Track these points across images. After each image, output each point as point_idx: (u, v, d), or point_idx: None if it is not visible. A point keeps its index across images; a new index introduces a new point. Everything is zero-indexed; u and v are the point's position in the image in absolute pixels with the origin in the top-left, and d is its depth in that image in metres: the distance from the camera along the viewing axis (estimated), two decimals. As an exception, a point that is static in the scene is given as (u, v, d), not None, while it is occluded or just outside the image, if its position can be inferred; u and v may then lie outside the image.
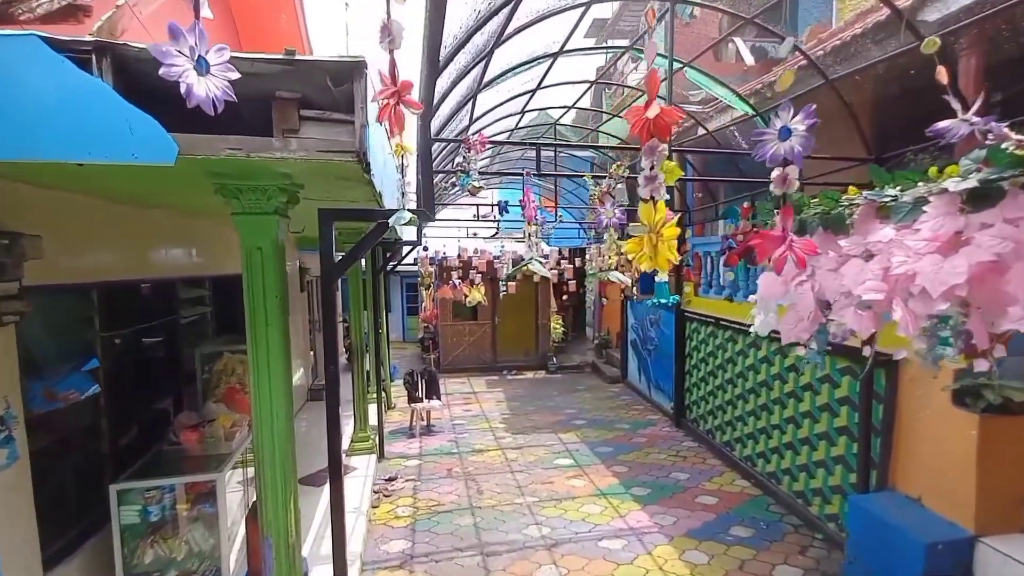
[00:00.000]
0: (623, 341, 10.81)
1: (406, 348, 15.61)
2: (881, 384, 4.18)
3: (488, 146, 3.31)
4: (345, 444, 6.79)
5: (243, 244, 2.62)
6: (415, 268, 14.87)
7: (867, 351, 2.18)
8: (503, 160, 10.31)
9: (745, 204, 5.25)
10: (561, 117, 7.26)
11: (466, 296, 8.25)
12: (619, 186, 3.41)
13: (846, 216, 2.05)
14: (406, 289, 17.07)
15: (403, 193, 2.17)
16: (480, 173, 3.41)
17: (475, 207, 8.41)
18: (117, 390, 3.55)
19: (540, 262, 3.11)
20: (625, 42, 11.69)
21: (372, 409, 7.43)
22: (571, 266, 10.56)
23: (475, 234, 11.76)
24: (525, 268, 3.15)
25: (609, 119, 8.58)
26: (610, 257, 3.28)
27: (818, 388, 4.92)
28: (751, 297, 2.50)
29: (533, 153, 9.86)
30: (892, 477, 4.12)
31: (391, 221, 2.28)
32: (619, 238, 3.27)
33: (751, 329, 2.54)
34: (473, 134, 3.35)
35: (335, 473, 2.91)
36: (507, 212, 5.72)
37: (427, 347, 13.53)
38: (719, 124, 6.24)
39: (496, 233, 11.83)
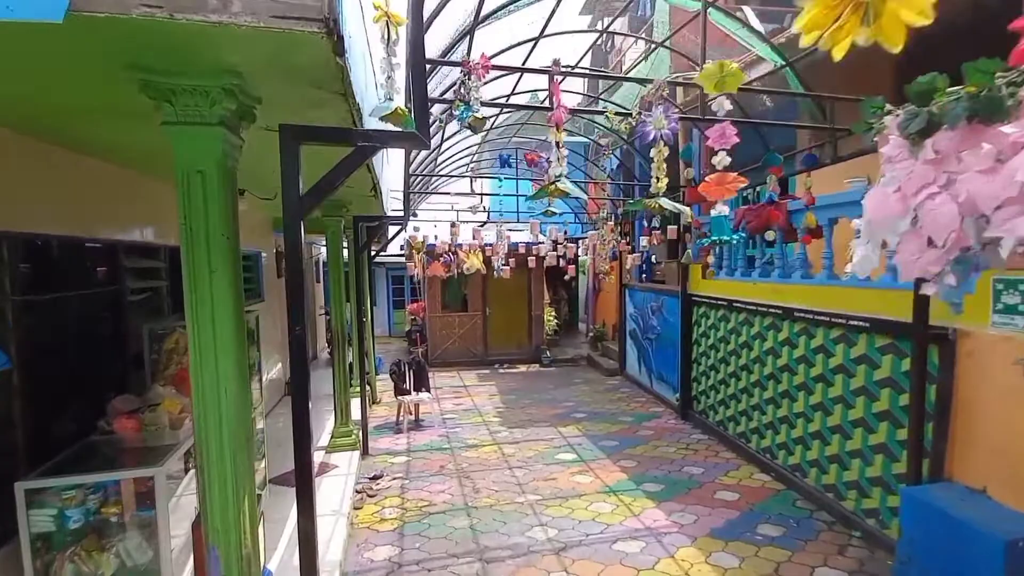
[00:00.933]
0: (621, 331, 10.30)
1: (391, 343, 14.92)
2: (934, 363, 3.69)
3: (491, 71, 2.73)
4: (325, 440, 6.15)
5: (178, 166, 2.00)
6: (401, 259, 14.23)
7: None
8: (493, 140, 9.73)
9: (776, 163, 4.73)
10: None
11: (463, 263, 7.59)
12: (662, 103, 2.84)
13: (1005, 97, 1.50)
14: (392, 282, 16.37)
15: (389, 77, 1.57)
16: (483, 104, 2.83)
17: (469, 179, 7.76)
18: (36, 368, 2.89)
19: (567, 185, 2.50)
20: (616, 21, 11.19)
21: (356, 404, 6.80)
22: (573, 244, 10.00)
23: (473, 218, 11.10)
24: (553, 188, 2.57)
25: (614, 86, 8.05)
26: (659, 180, 2.67)
27: (853, 370, 4.43)
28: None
29: (524, 134, 9.29)
30: (948, 466, 3.63)
31: (371, 113, 1.69)
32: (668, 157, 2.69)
33: (847, 269, 2.00)
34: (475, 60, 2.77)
35: (302, 469, 2.30)
36: (509, 167, 5.12)
37: (414, 340, 12.88)
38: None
39: (487, 221, 11.25)
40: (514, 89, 7.25)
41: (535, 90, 7.75)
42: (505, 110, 7.86)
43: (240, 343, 2.12)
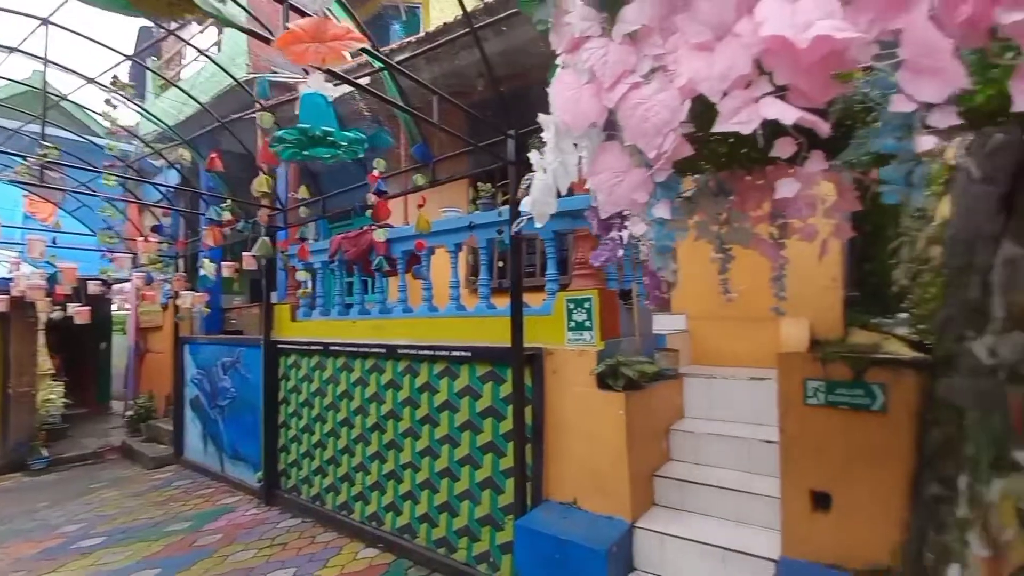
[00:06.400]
0: (177, 402, 7.62)
1: None
2: (529, 385, 3.72)
3: None
4: None
5: None
6: None
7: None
8: None
9: (376, 170, 4.12)
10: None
11: None
12: None
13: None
14: None
15: None
16: None
17: None
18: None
19: None
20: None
21: None
22: (87, 308, 6.87)
23: None
24: None
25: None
26: None
27: (457, 404, 4.16)
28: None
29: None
30: (546, 487, 3.64)
31: None
32: None
33: (521, 208, 1.30)
34: None
35: None
36: None
37: None
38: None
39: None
40: None
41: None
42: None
43: None
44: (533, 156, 1.23)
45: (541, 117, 1.18)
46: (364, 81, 4.45)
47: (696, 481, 3.45)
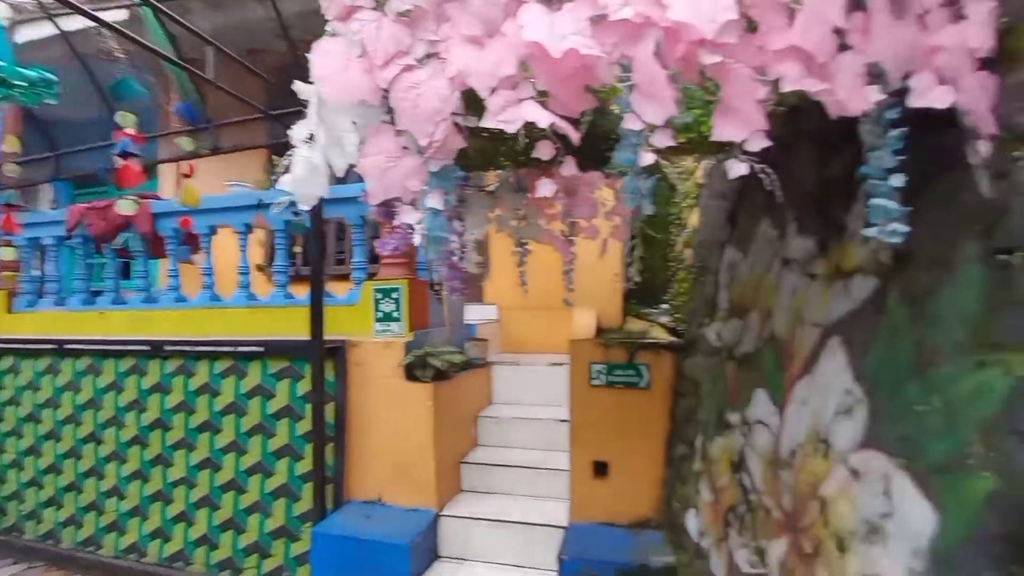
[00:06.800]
0: None
1: None
2: (330, 380, 3.45)
3: None
4: None
5: None
6: None
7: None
8: None
9: (127, 128, 3.23)
10: None
11: None
12: None
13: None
14: None
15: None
16: None
17: None
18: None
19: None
20: None
21: None
22: None
23: None
24: None
25: None
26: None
27: (245, 407, 3.65)
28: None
29: None
30: (349, 487, 3.43)
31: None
32: None
33: (280, 187, 1.11)
34: None
35: None
36: None
37: None
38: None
39: None
40: None
41: None
42: None
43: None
44: (294, 130, 1.08)
45: (299, 85, 1.03)
46: (117, 16, 3.59)
47: (501, 463, 3.63)
